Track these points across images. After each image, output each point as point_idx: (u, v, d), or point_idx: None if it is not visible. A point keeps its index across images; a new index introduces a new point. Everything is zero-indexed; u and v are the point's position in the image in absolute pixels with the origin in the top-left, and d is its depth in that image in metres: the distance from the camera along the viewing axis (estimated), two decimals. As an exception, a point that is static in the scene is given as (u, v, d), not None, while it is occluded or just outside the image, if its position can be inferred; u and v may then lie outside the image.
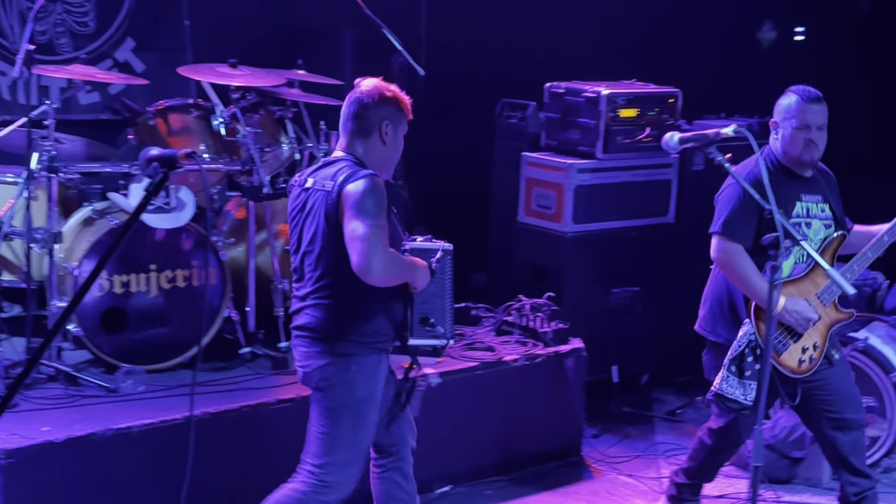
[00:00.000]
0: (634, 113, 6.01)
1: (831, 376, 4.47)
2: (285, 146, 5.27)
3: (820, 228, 4.47)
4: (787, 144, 4.42)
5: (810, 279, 4.43)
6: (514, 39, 6.94)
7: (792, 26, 8.36)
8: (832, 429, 4.48)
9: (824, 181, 4.56)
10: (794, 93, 4.47)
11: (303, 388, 4.59)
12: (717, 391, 4.37)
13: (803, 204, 4.45)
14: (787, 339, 4.39)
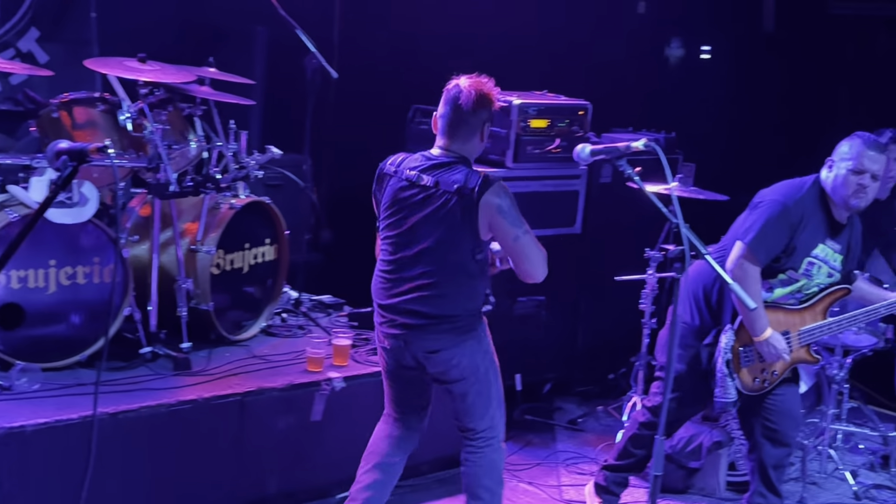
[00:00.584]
0: (545, 123, 6.06)
1: (783, 390, 4.61)
2: (193, 144, 5.19)
3: (824, 276, 4.57)
4: (839, 185, 4.46)
5: (800, 315, 4.58)
6: (428, 45, 6.95)
7: (698, 44, 8.53)
8: (764, 437, 4.62)
9: (852, 231, 4.63)
10: (859, 137, 4.51)
11: (204, 390, 4.56)
12: (725, 399, 4.48)
13: (825, 248, 4.54)
14: (755, 358, 4.52)
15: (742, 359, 4.50)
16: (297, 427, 4.80)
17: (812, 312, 4.59)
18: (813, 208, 4.46)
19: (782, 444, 4.64)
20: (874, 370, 6.47)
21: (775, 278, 4.51)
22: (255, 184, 5.56)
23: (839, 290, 4.61)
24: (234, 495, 4.65)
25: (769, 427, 4.61)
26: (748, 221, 4.47)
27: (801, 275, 4.51)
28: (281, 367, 4.99)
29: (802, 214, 4.44)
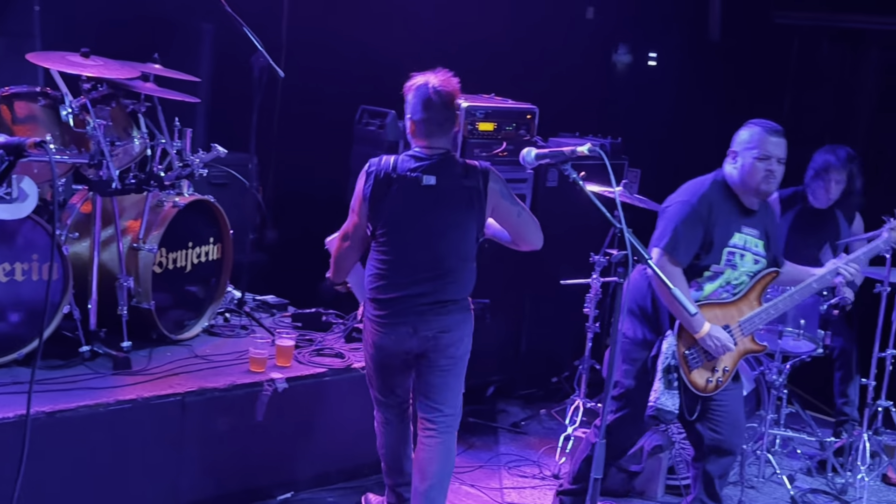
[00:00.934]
0: (492, 127, 6.07)
1: (728, 398, 4.63)
2: (137, 141, 5.13)
3: (750, 262, 4.59)
4: (747, 174, 4.52)
5: (737, 307, 4.59)
6: (377, 46, 6.93)
7: (646, 51, 8.60)
8: (710, 447, 4.64)
9: (766, 216, 4.68)
10: (758, 125, 4.57)
11: (144, 390, 4.50)
12: (658, 406, 4.47)
13: (742, 235, 4.57)
14: (702, 357, 4.53)
15: (690, 361, 4.52)
16: (238, 428, 4.76)
17: (747, 301, 4.61)
18: (719, 200, 4.51)
19: (728, 452, 4.67)
20: (812, 376, 6.57)
21: (702, 276, 4.54)
22: (200, 182, 5.50)
23: (768, 275, 4.63)
24: (174, 497, 4.60)
25: (715, 437, 4.63)
26: (660, 228, 4.52)
27: (725, 266, 4.53)
28: (223, 368, 4.95)
29: (710, 208, 4.48)
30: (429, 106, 4.30)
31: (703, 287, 4.56)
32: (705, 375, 4.55)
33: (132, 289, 4.97)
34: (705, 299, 4.55)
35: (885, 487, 5.86)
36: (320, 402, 5.04)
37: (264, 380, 4.83)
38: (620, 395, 4.67)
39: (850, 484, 5.63)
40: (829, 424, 6.36)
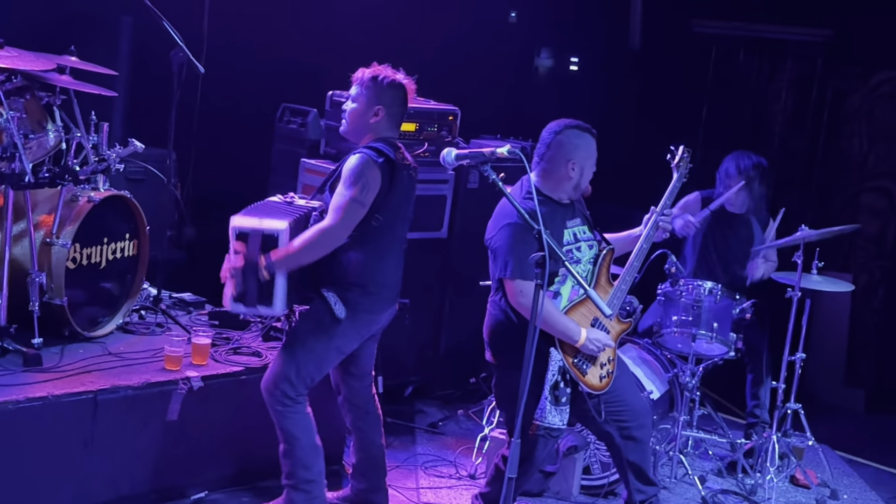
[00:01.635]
0: (414, 127, 6.08)
1: (620, 388, 4.69)
2: (51, 134, 5.03)
3: (586, 250, 4.66)
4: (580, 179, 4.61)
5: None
6: (300, 45, 6.90)
7: (567, 56, 8.69)
8: (623, 437, 4.70)
9: (577, 203, 4.75)
10: (572, 126, 4.71)
11: (55, 387, 4.43)
12: (545, 424, 4.48)
13: (570, 230, 4.63)
14: (587, 360, 4.56)
15: (581, 369, 4.54)
16: (152, 426, 4.70)
17: (600, 288, 4.66)
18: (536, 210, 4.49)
19: (642, 436, 4.73)
20: (724, 379, 6.70)
21: (553, 284, 4.55)
22: (117, 177, 5.43)
23: (606, 254, 4.70)
24: (85, 496, 4.52)
25: (623, 427, 4.69)
26: (498, 262, 4.51)
27: (571, 264, 4.55)
28: (137, 365, 4.88)
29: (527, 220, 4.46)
30: (405, 102, 4.57)
31: (559, 293, 4.57)
32: (597, 374, 4.60)
33: (44, 284, 4.88)
34: (568, 304, 4.56)
35: (793, 488, 5.99)
36: (236, 400, 5.00)
37: (179, 378, 4.77)
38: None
39: (760, 485, 5.75)
40: (741, 426, 6.49)
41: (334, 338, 4.47)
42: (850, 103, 7.75)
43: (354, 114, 4.54)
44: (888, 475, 6.50)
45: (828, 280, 5.87)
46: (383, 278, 4.53)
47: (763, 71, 7.96)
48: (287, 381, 4.47)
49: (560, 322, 4.46)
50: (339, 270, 4.43)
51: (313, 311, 4.50)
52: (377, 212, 4.40)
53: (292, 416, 4.51)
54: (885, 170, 7.65)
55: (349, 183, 4.33)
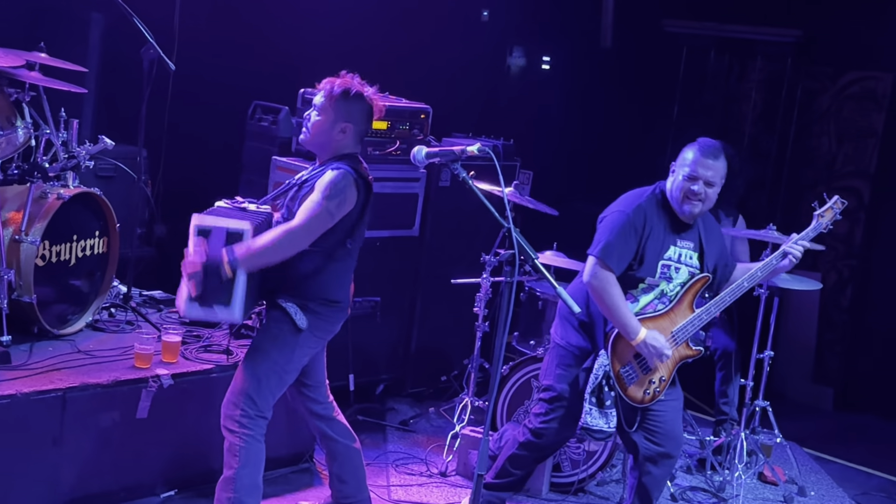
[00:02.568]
0: (385, 126, 6.08)
1: (666, 408, 4.67)
2: (21, 131, 5.00)
3: (685, 275, 4.62)
4: (675, 190, 4.56)
5: (669, 317, 4.61)
6: (272, 42, 6.89)
7: (540, 55, 8.71)
8: (645, 458, 4.69)
9: (702, 229, 4.68)
10: (698, 143, 4.59)
11: (23, 385, 4.40)
12: (584, 425, 4.52)
13: (677, 249, 4.61)
14: (637, 371, 4.56)
15: (626, 379, 4.55)
16: (121, 424, 4.68)
17: (679, 310, 4.62)
18: (655, 213, 4.55)
19: (663, 463, 4.71)
20: (694, 377, 6.73)
21: (637, 288, 4.57)
22: (87, 174, 5.40)
23: (698, 280, 4.63)
24: (53, 494, 4.50)
25: (650, 446, 4.67)
26: (597, 236, 4.57)
27: (660, 279, 4.57)
28: (107, 363, 4.85)
29: (645, 220, 4.52)
30: (371, 118, 4.46)
31: (638, 299, 4.59)
32: (642, 388, 4.59)
33: (13, 282, 4.84)
34: (639, 312, 4.56)
35: (761, 485, 6.04)
36: (206, 398, 4.97)
37: (149, 376, 4.76)
38: (552, 398, 4.72)
39: (728, 481, 5.79)
40: (709, 423, 6.53)
41: (296, 349, 4.32)
42: (819, 103, 7.82)
43: (319, 128, 4.38)
44: (855, 472, 6.57)
45: (796, 278, 5.92)
46: (342, 294, 4.43)
47: (733, 71, 8.01)
48: (248, 398, 4.27)
49: (624, 314, 4.45)
50: (299, 282, 4.30)
51: (274, 323, 4.34)
52: (350, 236, 4.33)
53: (246, 441, 4.27)
54: (854, 169, 7.72)
55: (326, 193, 4.20)
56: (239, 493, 4.26)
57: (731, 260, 4.86)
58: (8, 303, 4.80)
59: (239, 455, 4.27)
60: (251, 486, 4.30)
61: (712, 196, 4.56)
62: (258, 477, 4.33)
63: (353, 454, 4.72)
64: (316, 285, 4.32)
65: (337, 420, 4.70)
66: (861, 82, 7.67)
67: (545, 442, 4.81)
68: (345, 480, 4.71)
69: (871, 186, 7.66)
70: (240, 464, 4.27)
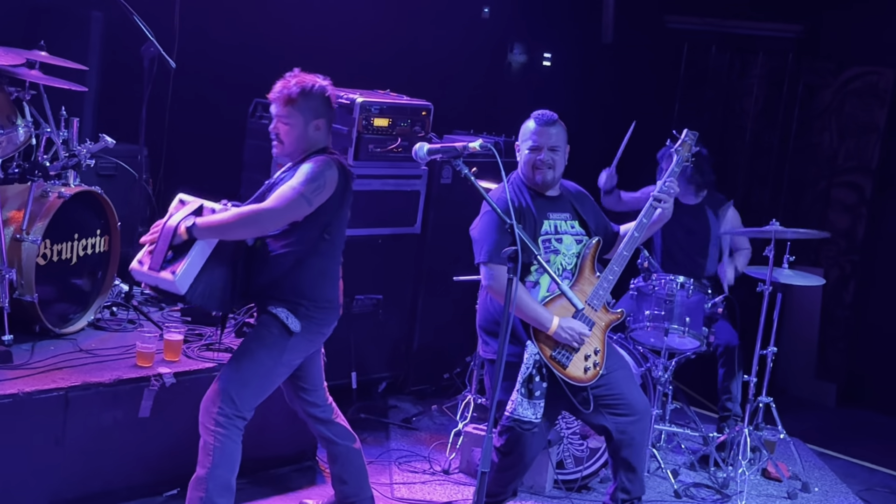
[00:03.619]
0: (387, 123, 6.07)
1: (616, 380, 4.68)
2: (21, 129, 4.99)
3: (571, 243, 4.68)
4: (523, 165, 4.66)
5: (578, 289, 4.63)
6: (272, 40, 6.87)
7: (541, 51, 8.69)
8: (618, 432, 4.67)
9: (572, 199, 4.77)
10: (532, 117, 4.71)
11: (25, 384, 4.40)
12: (512, 415, 4.50)
13: (551, 222, 4.65)
14: (569, 351, 4.56)
15: (561, 360, 4.55)
16: (124, 423, 4.67)
17: (583, 279, 4.66)
18: (518, 199, 4.61)
19: (640, 433, 4.70)
20: (697, 373, 6.74)
21: (531, 273, 4.59)
22: (88, 173, 5.40)
23: (590, 248, 4.70)
24: (57, 493, 4.49)
25: (618, 421, 4.66)
26: (475, 246, 4.61)
27: (546, 254, 4.59)
28: (109, 362, 4.85)
29: (511, 210, 4.50)
30: (332, 106, 4.39)
31: (538, 283, 4.61)
32: (580, 366, 4.59)
33: (14, 281, 4.84)
34: (547, 294, 4.58)
35: (765, 481, 6.03)
36: (209, 397, 4.97)
37: (151, 375, 4.75)
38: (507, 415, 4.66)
39: (732, 478, 5.78)
40: (713, 420, 6.52)
41: (285, 352, 4.26)
42: (821, 98, 7.80)
43: (293, 134, 4.27)
44: (858, 468, 6.56)
45: (799, 274, 5.91)
46: (331, 293, 4.36)
47: (735, 66, 7.99)
48: (227, 398, 4.20)
49: (531, 308, 4.47)
50: (287, 287, 4.24)
51: (263, 326, 4.29)
52: (328, 227, 4.26)
53: (221, 441, 4.21)
54: (856, 165, 7.70)
55: (304, 179, 4.14)
56: (210, 493, 4.20)
57: (611, 226, 4.90)
58: (9, 302, 4.80)
59: (213, 454, 4.21)
60: (223, 486, 4.23)
61: (559, 161, 4.67)
62: (231, 478, 4.26)
63: (354, 455, 4.68)
64: (301, 282, 4.24)
65: (336, 422, 4.65)
66: (863, 77, 7.65)
67: (511, 461, 4.73)
68: (346, 481, 4.67)
69: (874, 182, 7.65)
70: (213, 463, 4.21)
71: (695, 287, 5.81)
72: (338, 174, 4.22)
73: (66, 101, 5.26)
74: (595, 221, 4.82)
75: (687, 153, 4.91)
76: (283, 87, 4.30)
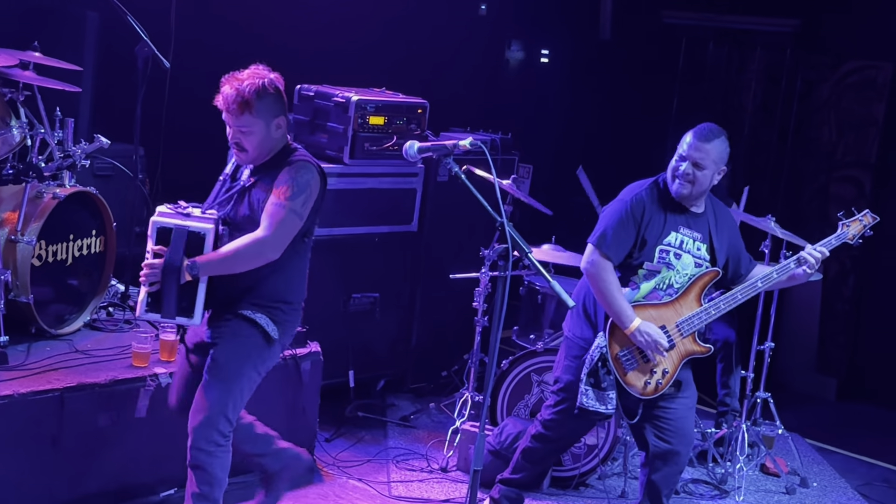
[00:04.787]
0: (382, 121, 6.06)
1: (677, 406, 4.63)
2: (15, 130, 4.99)
3: (690, 264, 4.57)
4: (669, 170, 4.57)
5: (673, 308, 4.57)
6: (267, 38, 6.87)
7: (538, 48, 8.69)
8: (655, 455, 4.65)
9: (713, 222, 4.64)
10: (694, 129, 4.56)
11: (21, 385, 4.40)
12: (580, 406, 4.49)
13: (679, 235, 4.56)
14: (637, 358, 4.53)
15: (624, 364, 4.52)
16: (120, 424, 4.67)
17: (685, 301, 4.57)
18: (656, 202, 4.53)
19: (673, 462, 4.66)
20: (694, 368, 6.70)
21: (637, 275, 4.56)
22: (84, 174, 5.40)
23: (707, 274, 4.58)
24: (53, 494, 4.50)
25: (660, 444, 4.63)
26: (597, 225, 4.58)
27: (660, 264, 4.53)
28: (105, 362, 4.85)
29: (644, 208, 4.52)
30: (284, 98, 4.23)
31: (639, 286, 4.56)
32: (642, 378, 4.55)
33: (9, 282, 4.84)
34: (641, 299, 4.54)
35: (763, 477, 6.02)
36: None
37: (147, 375, 4.75)
38: (560, 389, 4.70)
39: (730, 473, 5.77)
40: (711, 415, 6.51)
41: (266, 360, 4.15)
42: (819, 93, 7.78)
43: (258, 139, 4.05)
44: (857, 462, 6.55)
45: (796, 269, 5.87)
46: (301, 294, 4.25)
47: (733, 62, 7.98)
48: (224, 419, 4.04)
49: (618, 301, 4.43)
50: (265, 292, 4.09)
51: (240, 336, 4.08)
52: (309, 231, 4.16)
53: (221, 457, 4.07)
54: (854, 159, 7.69)
55: (291, 193, 3.99)
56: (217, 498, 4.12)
57: (747, 258, 4.76)
58: (5, 303, 4.80)
59: (214, 470, 4.06)
60: (223, 488, 4.14)
61: (702, 179, 4.50)
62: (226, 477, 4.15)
63: (245, 429, 4.37)
64: (278, 286, 4.11)
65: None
66: (861, 71, 7.64)
67: (555, 434, 4.80)
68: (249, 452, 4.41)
69: (872, 176, 7.63)
70: (217, 478, 4.08)
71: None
72: (318, 177, 4.11)
73: (60, 102, 5.27)
74: (728, 252, 4.66)
75: (855, 233, 4.80)
76: (234, 93, 4.05)
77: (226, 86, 4.10)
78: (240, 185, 4.18)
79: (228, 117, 4.08)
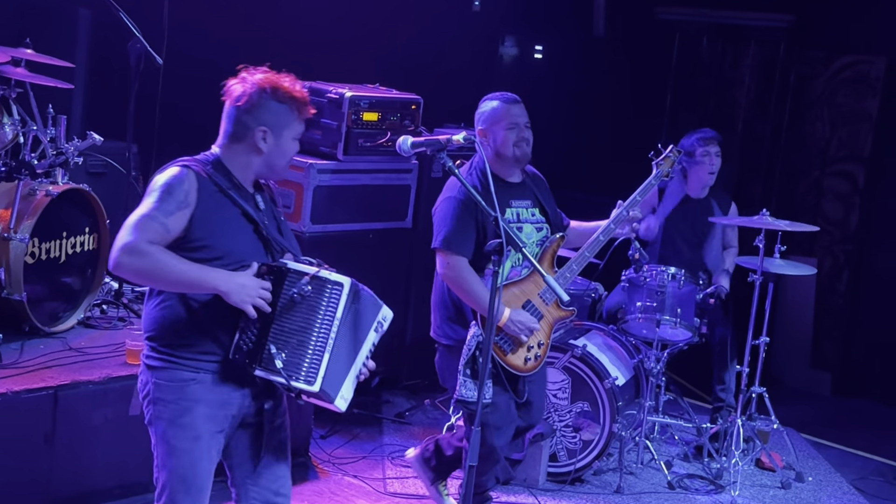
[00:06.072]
0: (376, 117, 6.05)
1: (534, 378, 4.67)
2: (7, 127, 4.99)
3: (532, 232, 4.63)
4: (501, 146, 4.56)
5: (532, 280, 4.59)
6: (262, 34, 6.86)
7: (532, 44, 8.68)
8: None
9: (533, 185, 4.73)
10: (495, 98, 4.67)
11: (14, 383, 4.40)
12: (458, 397, 4.48)
13: (513, 209, 4.60)
14: (511, 341, 4.53)
15: (503, 346, 4.52)
16: (114, 421, 4.66)
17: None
18: (479, 186, 4.47)
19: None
20: (689, 364, 6.72)
21: (491, 261, 4.55)
22: (77, 171, 5.39)
23: (554, 241, 4.65)
24: (48, 492, 4.48)
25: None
26: (434, 229, 4.54)
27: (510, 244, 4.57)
28: (98, 360, 4.84)
29: (471, 200, 4.40)
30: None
31: (501, 273, 4.56)
32: (522, 355, 4.57)
33: (3, 280, 4.83)
34: (505, 280, 4.54)
35: (759, 471, 6.03)
36: (199, 394, 4.96)
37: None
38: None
39: (725, 468, 5.77)
40: (706, 411, 6.52)
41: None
42: (813, 88, 7.79)
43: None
44: (853, 456, 6.55)
45: (790, 264, 5.89)
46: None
47: (726, 57, 7.99)
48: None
49: (483, 297, 4.41)
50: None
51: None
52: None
53: None
54: (848, 154, 7.69)
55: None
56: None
57: (563, 218, 4.83)
58: (-3, 303, 4.79)
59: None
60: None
61: (531, 136, 4.63)
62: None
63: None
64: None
65: None
66: (854, 66, 7.64)
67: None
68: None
69: (866, 170, 7.64)
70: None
71: (686, 278, 5.80)
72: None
73: (53, 99, 5.26)
74: (552, 209, 4.75)
75: (668, 169, 4.85)
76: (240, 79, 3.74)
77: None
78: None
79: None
